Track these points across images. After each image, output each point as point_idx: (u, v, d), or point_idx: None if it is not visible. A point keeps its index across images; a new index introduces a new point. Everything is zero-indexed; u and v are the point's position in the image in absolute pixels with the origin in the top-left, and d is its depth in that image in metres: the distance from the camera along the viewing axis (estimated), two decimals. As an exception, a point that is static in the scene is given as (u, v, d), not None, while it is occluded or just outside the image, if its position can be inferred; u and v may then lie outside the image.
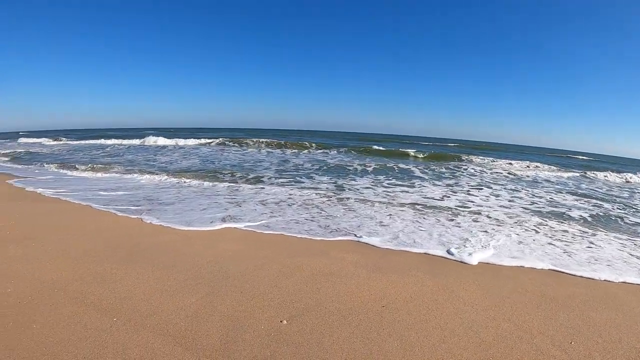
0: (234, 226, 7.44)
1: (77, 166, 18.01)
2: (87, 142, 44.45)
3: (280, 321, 3.81)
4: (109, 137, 49.30)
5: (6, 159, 24.50)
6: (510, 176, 19.37)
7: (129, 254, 5.77)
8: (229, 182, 13.04)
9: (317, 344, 3.45)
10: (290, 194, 10.90)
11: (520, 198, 12.22)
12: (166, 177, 14.23)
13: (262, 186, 12.31)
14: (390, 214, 8.76)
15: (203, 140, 37.96)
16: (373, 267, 5.46)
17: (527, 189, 14.84)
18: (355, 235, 7.01)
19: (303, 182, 13.47)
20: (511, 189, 14.17)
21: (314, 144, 32.64)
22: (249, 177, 14.55)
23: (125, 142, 39.91)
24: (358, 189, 12.20)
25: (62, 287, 4.54)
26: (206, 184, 12.70)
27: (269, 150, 30.39)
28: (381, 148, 31.42)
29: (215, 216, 8.13)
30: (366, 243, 6.67)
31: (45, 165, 19.17)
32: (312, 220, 8.04)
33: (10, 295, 4.29)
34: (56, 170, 17.47)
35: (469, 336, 3.68)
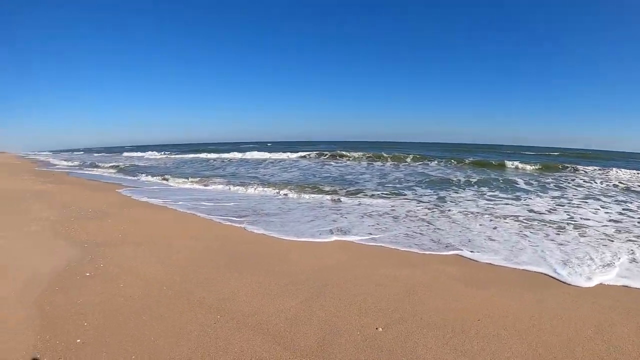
0: (340, 239, 7.60)
1: (181, 178, 19.46)
2: (189, 155, 47.69)
3: (376, 328, 3.91)
4: (210, 151, 52.43)
5: (114, 170, 27.21)
6: (621, 186, 17.83)
7: (232, 259, 6.21)
8: (332, 195, 13.29)
9: (411, 352, 3.51)
10: (392, 207, 10.96)
11: (632, 211, 11.30)
12: (268, 189, 14.79)
13: (365, 199, 12.43)
14: (495, 227, 8.55)
15: (302, 153, 39.14)
16: (471, 281, 5.40)
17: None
18: (455, 249, 6.93)
19: (405, 195, 13.41)
20: (622, 201, 13.12)
21: (410, 156, 32.13)
22: (351, 189, 14.69)
23: (225, 155, 42.37)
24: (460, 202, 12.01)
25: (169, 285, 5.02)
26: (309, 196, 13.09)
27: (368, 162, 30.66)
28: (481, 159, 30.19)
29: (320, 228, 8.37)
30: (465, 257, 6.57)
31: (151, 177, 20.98)
32: (414, 233, 8.04)
33: (123, 290, 4.86)
34: (161, 181, 19.08)
35: (564, 354, 3.56)
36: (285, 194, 13.53)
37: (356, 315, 4.20)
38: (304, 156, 37.62)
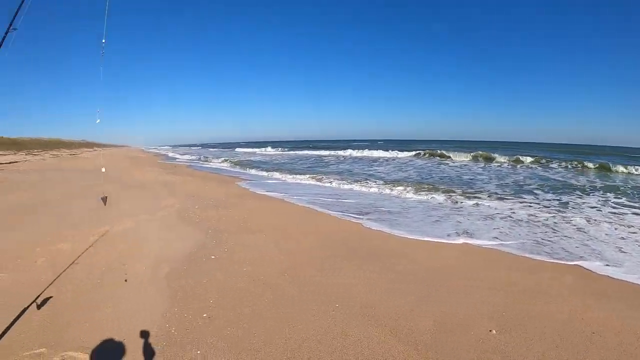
0: (466, 241, 7.41)
1: (295, 174, 20.20)
2: (302, 152, 49.09)
3: (490, 331, 3.87)
4: (320, 148, 53.38)
5: (228, 164, 28.95)
6: None
7: (349, 252, 6.39)
8: (450, 194, 12.96)
9: (524, 358, 3.43)
10: (512, 210, 10.55)
11: None
12: (385, 187, 14.73)
13: (484, 201, 12.01)
14: (622, 237, 7.89)
15: (414, 152, 38.81)
16: (589, 292, 5.07)
17: None
18: (576, 257, 6.52)
19: (525, 198, 12.81)
20: None
21: (529, 158, 30.27)
22: (469, 190, 14.27)
23: (339, 153, 43.11)
24: (584, 209, 11.21)
25: (289, 272, 5.36)
26: (428, 196, 12.79)
27: (485, 162, 29.55)
28: (605, 162, 27.16)
29: (448, 230, 8.19)
30: (585, 267, 6.13)
31: (266, 172, 21.98)
32: (535, 238, 7.68)
33: (246, 273, 5.29)
34: (277, 176, 19.90)
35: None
36: (403, 193, 13.41)
37: (470, 316, 4.18)
38: (417, 154, 37.38)
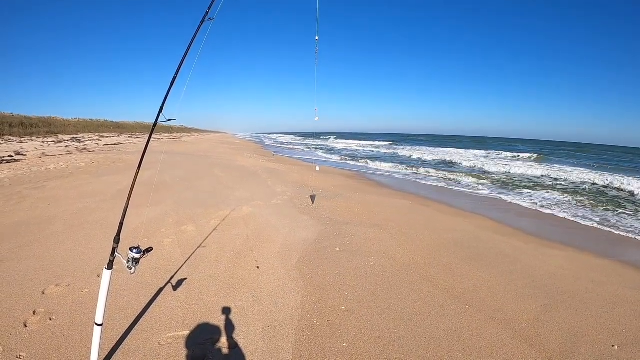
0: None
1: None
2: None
3: (612, 346, 3.84)
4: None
5: (326, 154, 29.25)
6: None
7: (468, 253, 6.40)
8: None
9: None
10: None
11: None
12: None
13: None
14: None
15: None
16: None
17: None
18: None
19: None
20: None
21: None
22: None
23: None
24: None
25: (414, 269, 5.50)
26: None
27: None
28: None
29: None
30: None
31: (379, 163, 22.07)
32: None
33: (372, 268, 5.50)
34: (389, 169, 19.95)
35: None
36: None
37: (593, 329, 4.16)
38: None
